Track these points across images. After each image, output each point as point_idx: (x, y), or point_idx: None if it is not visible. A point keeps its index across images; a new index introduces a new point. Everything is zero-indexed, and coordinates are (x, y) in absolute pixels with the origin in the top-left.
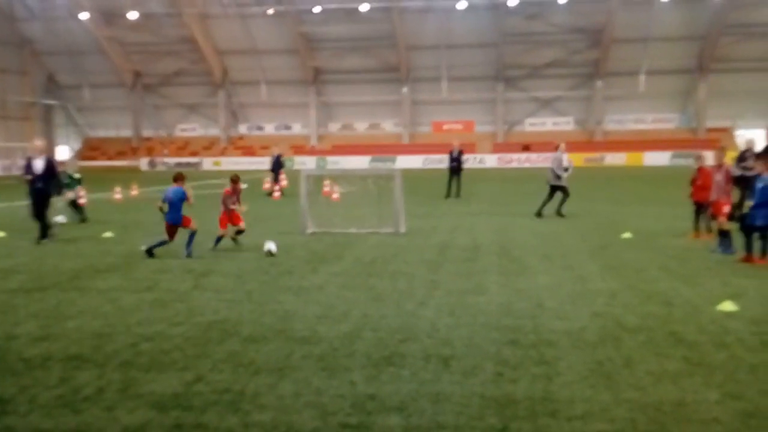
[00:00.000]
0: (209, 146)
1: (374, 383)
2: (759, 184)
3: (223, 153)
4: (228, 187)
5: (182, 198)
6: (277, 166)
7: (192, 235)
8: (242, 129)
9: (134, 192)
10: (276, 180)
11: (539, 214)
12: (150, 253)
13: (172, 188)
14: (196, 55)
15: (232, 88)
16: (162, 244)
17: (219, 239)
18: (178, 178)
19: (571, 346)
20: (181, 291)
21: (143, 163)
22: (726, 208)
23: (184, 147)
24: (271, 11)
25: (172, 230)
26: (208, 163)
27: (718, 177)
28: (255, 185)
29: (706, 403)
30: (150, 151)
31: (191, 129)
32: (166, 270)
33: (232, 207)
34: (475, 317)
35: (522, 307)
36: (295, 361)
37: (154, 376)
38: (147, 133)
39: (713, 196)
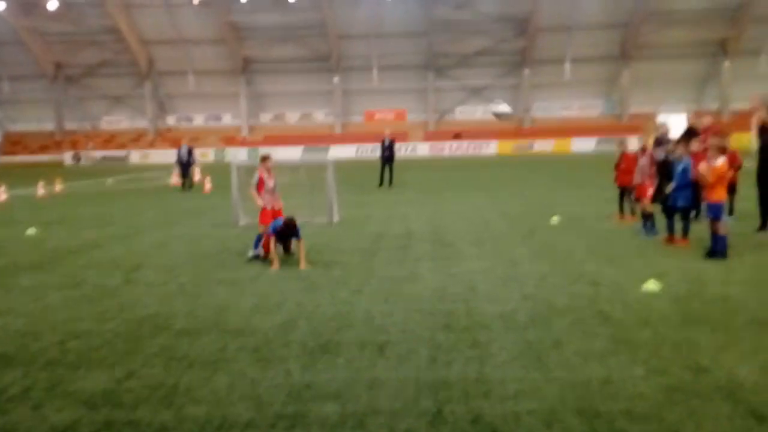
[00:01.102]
0: (137, 138)
1: (310, 372)
2: (679, 167)
3: (151, 145)
4: (260, 168)
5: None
6: (188, 158)
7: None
8: (170, 120)
9: (58, 187)
10: (185, 174)
11: None
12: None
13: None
14: (121, 45)
15: (159, 78)
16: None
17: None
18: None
19: (503, 329)
20: (110, 286)
21: (67, 157)
22: (650, 191)
23: (110, 140)
24: (197, 0)
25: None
26: (136, 156)
27: (643, 161)
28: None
29: (632, 379)
30: (74, 145)
31: (117, 121)
32: (94, 265)
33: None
34: (409, 303)
35: (455, 291)
36: (229, 353)
37: (83, 373)
38: (70, 126)
39: (637, 179)
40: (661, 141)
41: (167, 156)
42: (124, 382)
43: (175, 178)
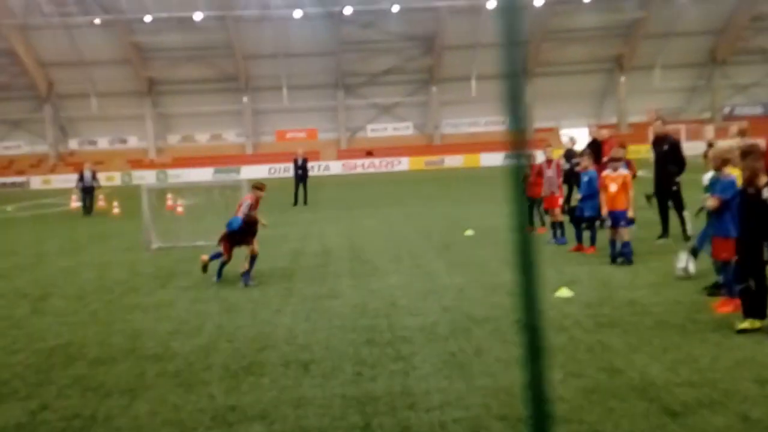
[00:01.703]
0: (37, 164)
1: (234, 394)
2: (584, 178)
3: (53, 170)
4: (249, 195)
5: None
6: (92, 183)
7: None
8: (73, 144)
9: None
10: (88, 198)
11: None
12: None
13: None
14: (17, 68)
15: (59, 101)
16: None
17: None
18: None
19: (425, 341)
20: (16, 317)
21: None
22: (560, 201)
23: (8, 166)
24: (98, 21)
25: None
26: (36, 182)
27: (550, 172)
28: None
29: (551, 382)
30: None
31: (15, 146)
32: None
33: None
34: (331, 320)
35: (376, 306)
36: (148, 379)
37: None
38: None
39: (545, 191)
40: (569, 154)
41: (70, 181)
42: (38, 414)
43: (75, 203)
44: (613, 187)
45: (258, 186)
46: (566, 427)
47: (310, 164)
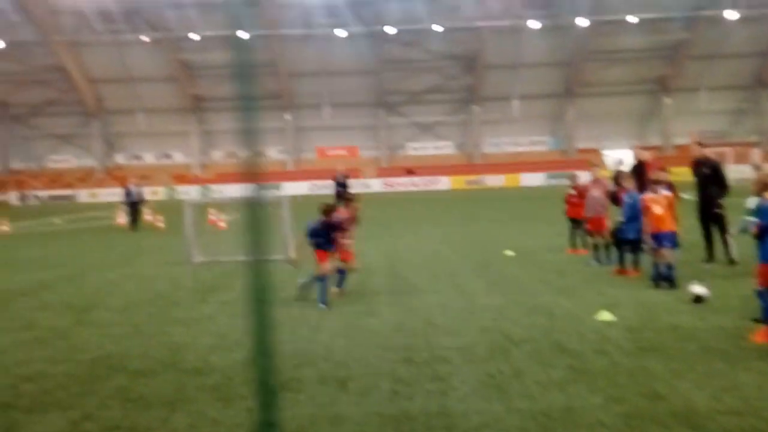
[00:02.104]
0: (84, 178)
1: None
2: (627, 200)
3: (99, 184)
4: (343, 210)
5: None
6: (138, 198)
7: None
8: (119, 159)
9: (5, 228)
10: (135, 213)
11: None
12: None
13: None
14: (68, 84)
15: (107, 117)
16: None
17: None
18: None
19: (463, 361)
20: (61, 328)
21: (13, 197)
22: (607, 222)
23: (57, 179)
24: (146, 38)
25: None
26: (83, 195)
27: (595, 193)
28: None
29: (591, 407)
30: (20, 185)
31: (64, 160)
32: (45, 307)
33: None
34: (369, 338)
35: (414, 325)
36: (188, 393)
37: (38, 417)
38: (16, 165)
39: (589, 212)
40: (619, 176)
41: (116, 194)
42: (80, 424)
43: (121, 219)
44: (657, 209)
45: (348, 197)
46: None
47: (350, 181)
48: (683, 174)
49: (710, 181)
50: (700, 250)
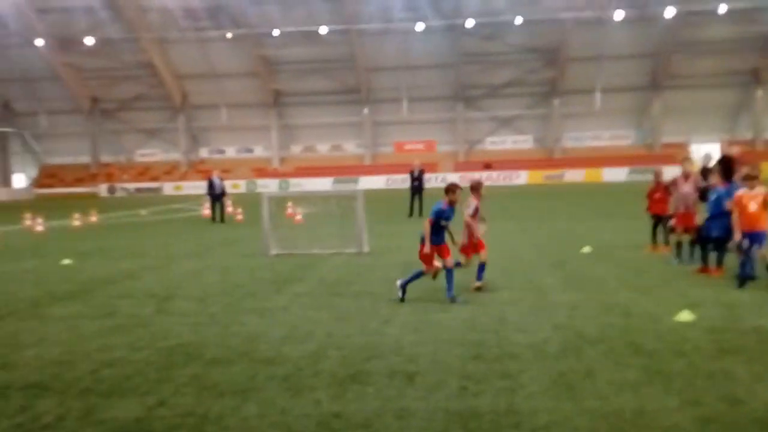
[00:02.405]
0: (170, 171)
1: (339, 401)
2: (712, 196)
3: (184, 177)
4: (474, 196)
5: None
6: (220, 190)
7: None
8: (203, 153)
9: (93, 218)
10: (218, 205)
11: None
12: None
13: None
14: (155, 79)
15: (192, 112)
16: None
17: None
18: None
19: (533, 359)
20: (142, 316)
21: (102, 189)
22: (695, 219)
23: (144, 172)
24: (229, 35)
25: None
26: (169, 188)
27: (686, 188)
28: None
29: (665, 410)
30: (109, 177)
31: (151, 154)
32: (128, 295)
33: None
34: (439, 333)
35: (485, 321)
36: (259, 382)
37: (116, 401)
38: (106, 158)
39: (678, 207)
40: (706, 170)
41: (200, 187)
42: (155, 410)
43: (206, 211)
44: (753, 206)
45: (477, 185)
46: None
47: (427, 176)
48: (756, 168)
49: None
50: None
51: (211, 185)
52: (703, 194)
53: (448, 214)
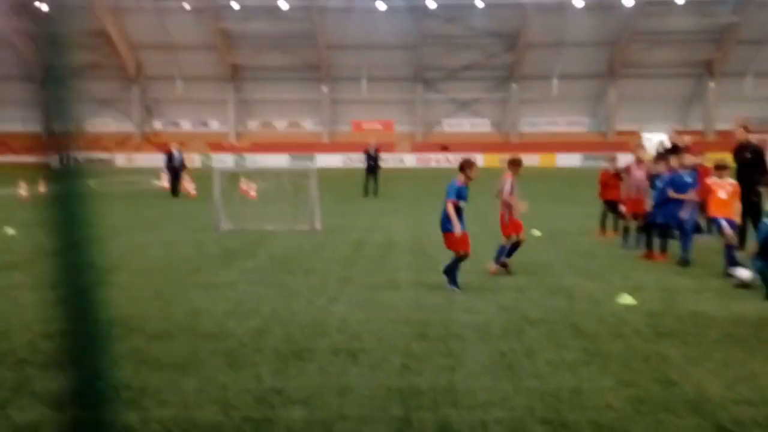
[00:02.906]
0: (122, 142)
1: (281, 378)
2: (659, 184)
3: (137, 149)
4: (509, 173)
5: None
6: (179, 163)
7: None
8: (157, 125)
9: (42, 189)
10: (177, 179)
11: None
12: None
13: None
14: (109, 48)
15: (146, 83)
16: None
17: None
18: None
19: (476, 338)
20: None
21: (53, 159)
22: (645, 206)
23: (95, 143)
24: (187, 6)
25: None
26: (121, 159)
27: (639, 174)
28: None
29: (600, 390)
30: (59, 147)
31: (103, 124)
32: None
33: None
34: (385, 312)
35: (432, 302)
36: (201, 357)
37: (52, 373)
38: (56, 128)
39: (627, 192)
40: (661, 156)
41: (153, 160)
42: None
43: (165, 183)
44: (722, 194)
45: (516, 161)
46: None
47: (383, 156)
48: (725, 159)
49: (751, 167)
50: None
51: (170, 158)
52: (654, 181)
53: (466, 194)
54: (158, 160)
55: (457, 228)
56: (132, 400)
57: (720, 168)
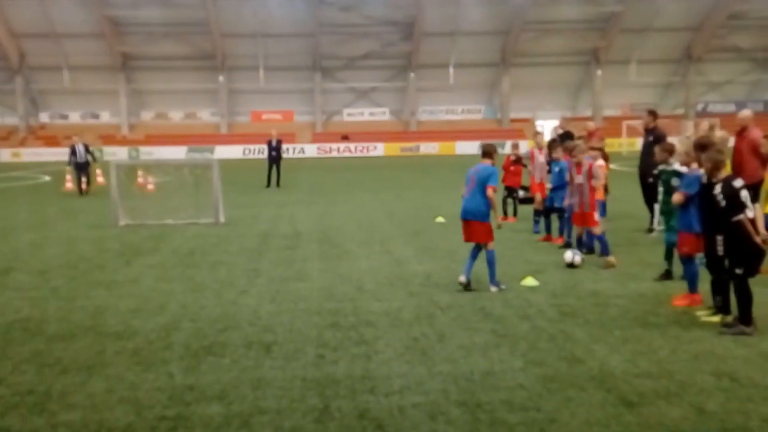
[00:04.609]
0: (6, 136)
1: (193, 374)
2: (555, 168)
3: (22, 143)
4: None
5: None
6: (86, 158)
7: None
8: (44, 117)
9: None
10: (83, 175)
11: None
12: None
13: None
14: None
15: (30, 73)
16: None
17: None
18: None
19: (388, 326)
20: None
21: None
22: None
23: None
24: None
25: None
26: (5, 155)
27: (541, 158)
28: (59, 177)
29: (511, 371)
30: None
31: None
32: None
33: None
34: (296, 303)
35: (342, 291)
36: (107, 357)
37: None
38: None
39: (536, 178)
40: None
41: (40, 154)
42: None
43: (69, 183)
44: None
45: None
46: (524, 415)
47: (284, 146)
48: (611, 146)
49: (651, 150)
50: (624, 219)
51: (73, 152)
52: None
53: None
54: (45, 154)
55: (497, 218)
56: (37, 405)
57: (592, 149)
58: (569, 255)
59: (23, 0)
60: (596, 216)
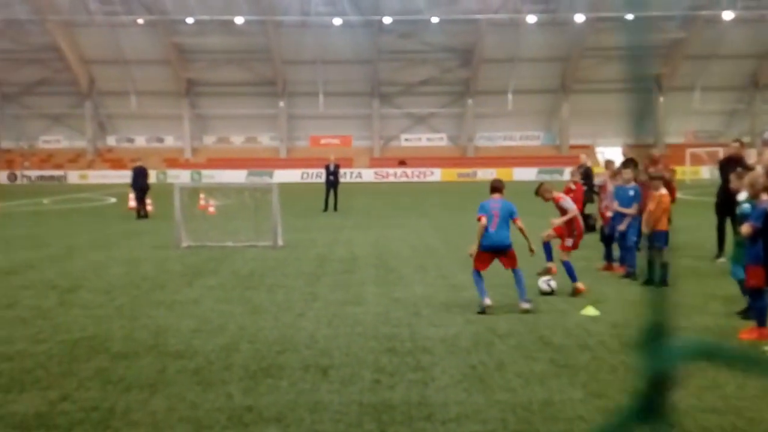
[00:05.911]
0: (75, 159)
1: (251, 395)
2: (630, 192)
3: (90, 166)
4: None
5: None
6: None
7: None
8: (111, 141)
9: None
10: (143, 198)
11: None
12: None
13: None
14: (61, 63)
15: (99, 98)
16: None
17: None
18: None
19: (446, 352)
20: (44, 308)
21: (2, 176)
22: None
23: (47, 159)
24: (141, 21)
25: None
26: (73, 176)
27: (612, 187)
28: (124, 200)
29: (571, 401)
30: (9, 164)
31: (55, 141)
32: (29, 286)
33: None
34: (353, 327)
35: (399, 315)
36: (168, 376)
37: (15, 396)
38: (6, 144)
39: (604, 207)
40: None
41: (107, 177)
42: (58, 404)
43: (132, 203)
44: (651, 206)
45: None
46: None
47: (342, 171)
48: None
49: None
50: (686, 248)
51: (137, 175)
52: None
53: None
54: (111, 176)
55: (531, 243)
56: (101, 422)
57: (653, 179)
58: (542, 284)
59: (94, 28)
60: (567, 242)
